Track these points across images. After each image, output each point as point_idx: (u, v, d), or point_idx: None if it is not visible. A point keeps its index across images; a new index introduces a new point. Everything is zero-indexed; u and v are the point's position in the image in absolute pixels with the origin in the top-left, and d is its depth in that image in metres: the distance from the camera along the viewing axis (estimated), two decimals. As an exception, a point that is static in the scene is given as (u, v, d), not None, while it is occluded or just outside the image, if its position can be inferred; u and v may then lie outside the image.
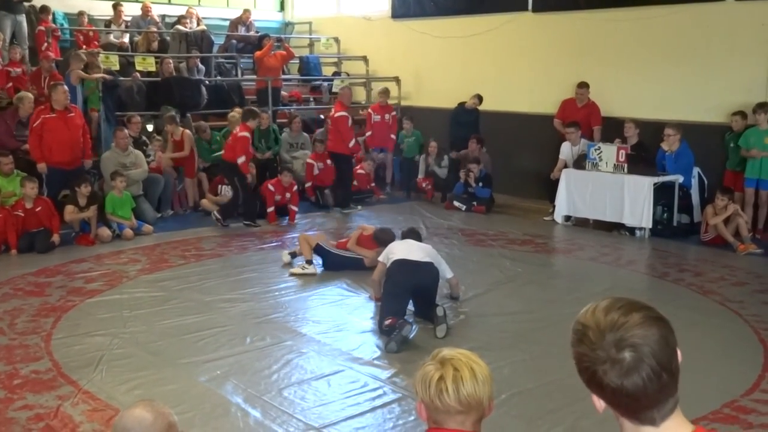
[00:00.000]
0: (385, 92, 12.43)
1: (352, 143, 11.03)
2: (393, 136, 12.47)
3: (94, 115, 10.70)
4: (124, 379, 5.03)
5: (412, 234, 6.92)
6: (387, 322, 5.76)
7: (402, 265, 6.12)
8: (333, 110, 11.21)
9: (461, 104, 12.02)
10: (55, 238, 8.66)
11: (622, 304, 1.47)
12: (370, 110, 12.20)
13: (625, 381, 1.42)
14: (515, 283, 7.53)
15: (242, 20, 14.67)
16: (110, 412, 4.49)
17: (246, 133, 9.99)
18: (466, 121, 11.93)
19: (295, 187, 10.59)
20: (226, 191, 10.51)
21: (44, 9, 12.58)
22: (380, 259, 6.50)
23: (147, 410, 2.11)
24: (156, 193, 10.37)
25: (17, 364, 5.29)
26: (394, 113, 12.35)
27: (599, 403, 1.51)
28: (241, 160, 9.85)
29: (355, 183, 11.53)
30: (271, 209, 10.25)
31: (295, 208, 10.43)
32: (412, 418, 4.48)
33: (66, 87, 9.29)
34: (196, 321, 6.24)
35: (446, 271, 6.50)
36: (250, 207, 10.15)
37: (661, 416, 1.46)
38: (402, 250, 6.32)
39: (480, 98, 11.82)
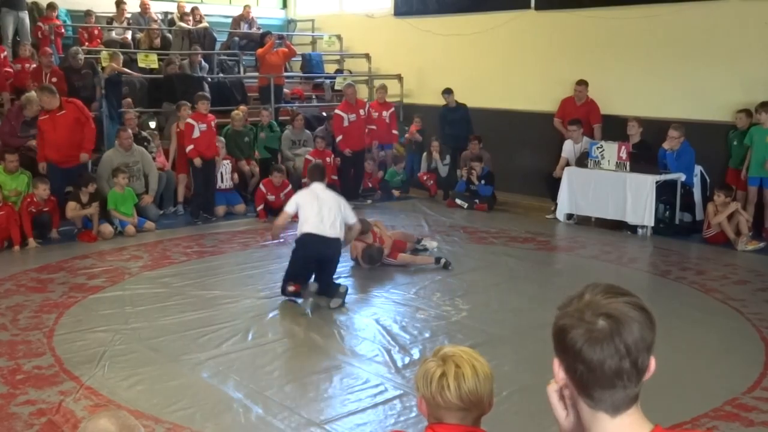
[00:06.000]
0: (383, 89, 12.43)
1: (338, 139, 11.35)
2: (395, 132, 12.44)
3: None
4: (125, 375, 5.05)
5: (317, 171, 6.99)
6: (291, 288, 6.57)
7: (311, 237, 6.58)
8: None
9: (445, 105, 12.11)
10: (54, 233, 8.86)
11: (613, 288, 1.47)
12: (370, 107, 12.21)
13: (585, 347, 1.40)
14: (517, 280, 7.53)
15: (244, 17, 14.66)
16: (112, 407, 4.50)
17: (191, 121, 9.97)
18: (454, 119, 11.98)
19: (289, 187, 10.29)
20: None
21: (51, 6, 12.57)
22: (288, 209, 6.82)
23: (112, 422, 1.90)
24: (158, 190, 10.36)
25: (20, 359, 5.30)
26: (392, 110, 12.35)
27: (558, 372, 1.48)
28: (188, 148, 9.96)
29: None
30: (260, 207, 10.22)
31: None
32: (413, 414, 4.48)
33: (52, 88, 9.31)
34: (198, 317, 6.25)
35: (349, 218, 6.86)
36: (199, 201, 10.20)
37: (614, 405, 1.43)
38: (313, 218, 6.59)
39: (449, 91, 11.92)
